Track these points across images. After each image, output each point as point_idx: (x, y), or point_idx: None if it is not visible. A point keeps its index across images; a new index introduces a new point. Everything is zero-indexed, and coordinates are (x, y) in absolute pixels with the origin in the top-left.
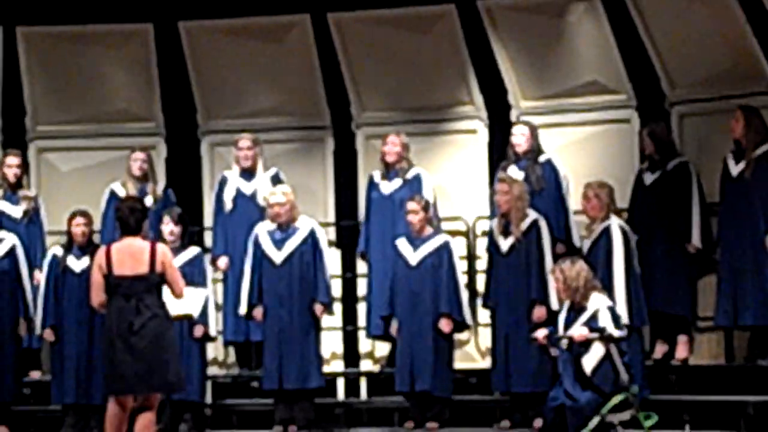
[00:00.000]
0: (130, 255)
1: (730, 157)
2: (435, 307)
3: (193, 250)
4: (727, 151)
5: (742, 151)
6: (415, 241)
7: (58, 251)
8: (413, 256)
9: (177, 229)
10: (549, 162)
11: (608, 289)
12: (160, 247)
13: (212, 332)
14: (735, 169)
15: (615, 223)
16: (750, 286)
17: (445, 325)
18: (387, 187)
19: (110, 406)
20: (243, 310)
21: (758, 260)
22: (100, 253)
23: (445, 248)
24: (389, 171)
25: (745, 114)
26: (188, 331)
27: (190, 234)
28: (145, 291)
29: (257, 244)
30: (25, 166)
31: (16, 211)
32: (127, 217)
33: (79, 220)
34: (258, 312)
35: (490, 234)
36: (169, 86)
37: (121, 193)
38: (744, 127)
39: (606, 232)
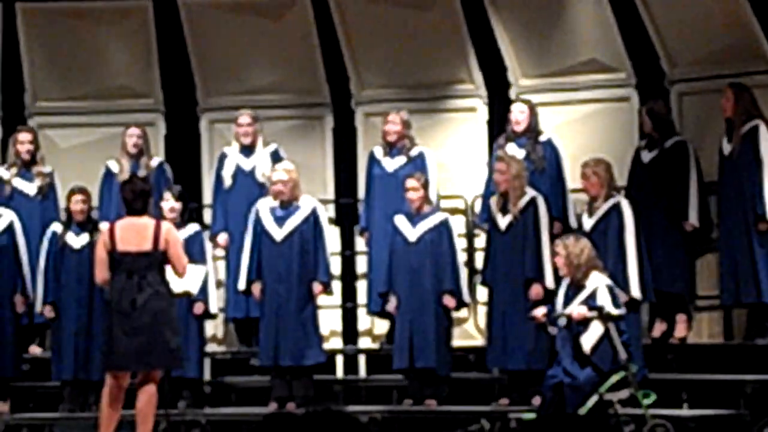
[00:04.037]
0: (135, 232)
1: (724, 135)
2: (435, 284)
3: (192, 227)
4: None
5: (733, 130)
6: (414, 218)
7: (58, 228)
8: (412, 232)
9: (177, 206)
10: (549, 142)
11: (621, 265)
12: (165, 225)
13: (213, 309)
14: (726, 147)
15: (624, 200)
16: (744, 265)
17: (449, 301)
18: (390, 165)
19: (107, 382)
20: (242, 285)
21: (749, 239)
22: (105, 230)
23: (445, 225)
24: (391, 149)
25: (734, 91)
26: (187, 308)
27: (190, 211)
28: (148, 268)
29: (258, 221)
30: (37, 143)
31: (30, 188)
32: (132, 201)
33: (78, 197)
34: (256, 288)
35: (484, 210)
36: (169, 63)
37: (116, 169)
38: (734, 104)
39: (616, 209)
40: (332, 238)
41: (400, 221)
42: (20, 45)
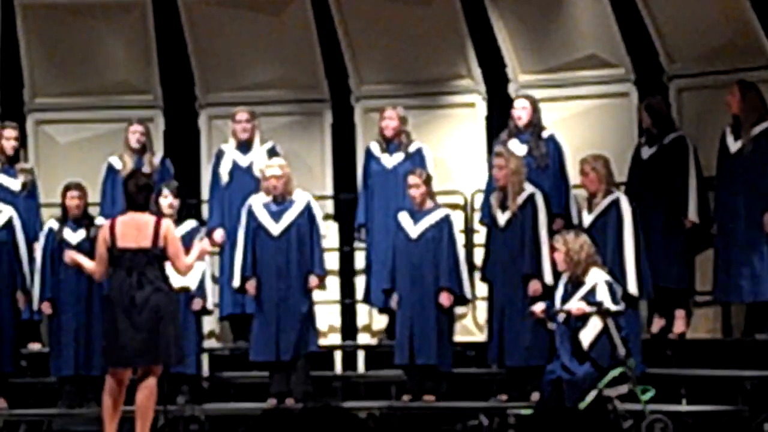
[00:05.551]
0: (135, 228)
1: (728, 132)
2: (435, 281)
3: (190, 223)
4: (725, 126)
5: (741, 127)
6: (416, 215)
7: (54, 224)
8: (414, 229)
9: (176, 203)
10: (552, 138)
11: (618, 261)
12: (165, 222)
13: (209, 305)
14: (733, 145)
15: (623, 196)
16: (744, 263)
17: (445, 299)
18: (388, 161)
19: (108, 379)
20: (236, 283)
21: (754, 237)
22: (105, 225)
23: (446, 222)
24: (389, 144)
25: (741, 89)
26: (185, 304)
27: (188, 207)
28: (147, 264)
29: (252, 216)
30: (22, 139)
31: (14, 184)
32: (135, 194)
33: (73, 192)
34: (251, 285)
35: (485, 207)
36: (168, 59)
37: (118, 166)
38: (740, 102)
39: (615, 205)
40: (331, 233)
41: (403, 218)
42: (19, 41)
